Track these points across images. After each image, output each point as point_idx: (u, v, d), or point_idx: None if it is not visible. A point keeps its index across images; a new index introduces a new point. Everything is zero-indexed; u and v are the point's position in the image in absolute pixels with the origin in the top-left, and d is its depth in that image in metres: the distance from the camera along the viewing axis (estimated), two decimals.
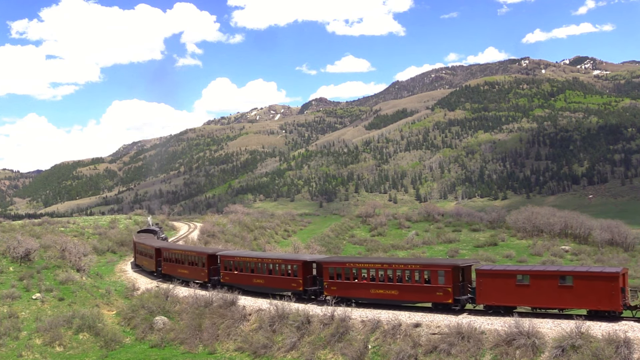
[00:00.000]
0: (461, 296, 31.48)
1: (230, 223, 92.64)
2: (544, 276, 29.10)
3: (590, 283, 27.70)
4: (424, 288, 32.29)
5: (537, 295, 29.04)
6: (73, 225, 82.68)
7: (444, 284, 31.53)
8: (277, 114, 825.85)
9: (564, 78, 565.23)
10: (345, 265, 36.11)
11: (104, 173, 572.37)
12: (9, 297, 37.24)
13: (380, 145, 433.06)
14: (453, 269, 31.60)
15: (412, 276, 32.81)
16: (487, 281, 30.61)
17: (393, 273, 33.68)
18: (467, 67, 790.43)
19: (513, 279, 29.88)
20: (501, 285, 30.09)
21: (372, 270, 34.88)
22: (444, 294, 31.51)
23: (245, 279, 41.53)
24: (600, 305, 27.42)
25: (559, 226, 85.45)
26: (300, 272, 37.79)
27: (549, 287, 28.72)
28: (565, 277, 28.63)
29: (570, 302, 28.36)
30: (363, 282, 34.88)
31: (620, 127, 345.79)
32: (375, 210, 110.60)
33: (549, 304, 28.98)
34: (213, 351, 32.83)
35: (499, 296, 30.20)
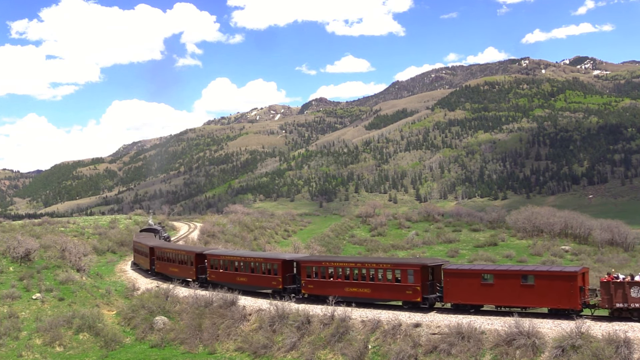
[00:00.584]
0: (430, 295, 32.21)
1: (230, 223, 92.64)
2: (507, 276, 30.02)
3: (551, 282, 28.53)
4: (394, 287, 33.22)
5: (501, 294, 29.90)
6: (73, 225, 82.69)
7: (413, 282, 32.30)
8: (277, 114, 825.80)
9: (564, 78, 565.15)
10: (322, 264, 37.13)
11: (104, 173, 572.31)
12: (9, 297, 37.24)
13: (380, 145, 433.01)
14: (422, 269, 32.36)
15: (384, 275, 33.78)
16: (453, 280, 31.44)
17: (366, 272, 34.60)
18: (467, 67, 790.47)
19: (478, 278, 30.79)
20: (467, 285, 30.98)
21: (346, 269, 35.81)
22: (413, 293, 32.29)
23: (229, 277, 42.36)
24: (560, 304, 28.20)
25: (559, 226, 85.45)
26: (280, 271, 38.63)
27: (512, 286, 29.54)
28: (527, 276, 29.40)
29: (532, 300, 29.11)
30: (338, 281, 35.81)
31: (620, 127, 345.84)
32: (375, 210, 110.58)
33: (512, 302, 29.69)
34: (213, 351, 32.83)
35: (465, 295, 31.07)
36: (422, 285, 32.11)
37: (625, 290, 26.70)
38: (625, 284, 26.81)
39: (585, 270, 29.64)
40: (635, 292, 26.51)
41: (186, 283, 46.13)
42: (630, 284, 26.73)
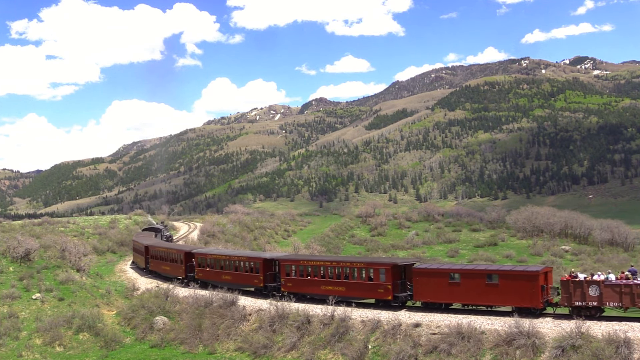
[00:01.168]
0: (401, 293, 33.02)
1: (230, 223, 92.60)
2: (473, 275, 30.88)
3: (514, 282, 29.36)
4: (367, 285, 34.16)
5: (467, 292, 30.77)
6: (73, 225, 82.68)
7: (385, 281, 33.20)
8: (277, 114, 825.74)
9: (564, 78, 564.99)
10: (300, 263, 38.15)
11: (104, 173, 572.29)
12: (9, 297, 37.23)
13: (380, 145, 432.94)
14: (393, 268, 33.16)
15: (358, 274, 34.75)
16: (422, 280, 32.25)
17: (341, 271, 35.62)
18: (467, 67, 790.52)
19: (446, 277, 31.61)
20: (435, 283, 31.81)
21: (322, 267, 36.81)
22: (384, 291, 33.20)
23: (215, 275, 43.44)
24: (522, 302, 28.95)
25: (559, 226, 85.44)
26: (262, 269, 39.66)
27: (478, 285, 30.40)
28: (492, 275, 30.25)
29: (496, 299, 30.00)
30: (315, 279, 36.68)
31: (620, 127, 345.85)
32: (375, 210, 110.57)
33: (477, 301, 30.61)
34: (213, 351, 32.82)
35: (433, 293, 31.92)
36: (394, 284, 32.98)
37: (584, 289, 27.65)
38: (584, 283, 27.74)
39: (548, 270, 30.46)
40: (593, 290, 27.41)
41: (181, 282, 46.63)
42: (588, 282, 27.64)
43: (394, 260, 36.03)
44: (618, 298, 26.77)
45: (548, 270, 30.47)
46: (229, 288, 40.78)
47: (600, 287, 27.35)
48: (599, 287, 27.38)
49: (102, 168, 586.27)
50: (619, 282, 27.00)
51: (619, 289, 26.83)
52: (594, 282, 27.59)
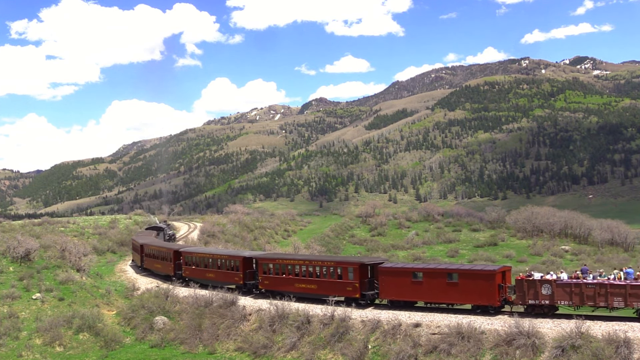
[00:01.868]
0: (368, 291, 34.03)
1: (230, 223, 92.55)
2: (435, 274, 31.80)
3: (472, 280, 30.38)
4: (337, 283, 35.25)
5: (430, 291, 31.71)
6: (73, 225, 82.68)
7: (353, 280, 34.29)
8: (277, 114, 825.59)
9: (564, 78, 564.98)
10: (275, 261, 39.29)
11: (104, 173, 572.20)
12: (9, 297, 37.21)
13: (380, 145, 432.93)
14: (360, 267, 34.22)
15: (328, 272, 35.97)
16: (388, 278, 33.22)
17: (313, 269, 36.68)
18: (467, 67, 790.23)
19: (409, 276, 32.56)
20: (400, 282, 32.77)
21: (296, 266, 37.85)
22: (352, 289, 34.30)
23: (200, 273, 44.73)
24: (480, 301, 30.05)
25: (559, 226, 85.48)
26: (241, 267, 40.77)
27: (439, 283, 31.33)
28: (452, 274, 31.18)
29: (456, 297, 30.94)
30: (289, 277, 37.83)
31: (620, 127, 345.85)
32: (375, 210, 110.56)
33: (439, 299, 31.54)
34: (213, 351, 32.82)
35: (398, 292, 32.88)
36: (361, 283, 34.03)
37: (537, 288, 28.56)
38: (537, 282, 28.61)
39: (505, 269, 31.31)
40: (546, 290, 28.34)
41: (170, 279, 48.08)
42: (541, 282, 28.53)
43: (361, 260, 36.85)
44: (569, 297, 27.71)
45: (506, 270, 31.30)
46: (213, 285, 41.84)
47: (552, 287, 28.20)
48: (551, 287, 28.23)
49: (102, 168, 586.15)
50: (570, 282, 27.81)
51: (570, 288, 27.68)
52: (547, 281, 28.44)
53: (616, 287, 26.52)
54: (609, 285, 26.73)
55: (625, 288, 26.24)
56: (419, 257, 72.23)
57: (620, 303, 26.41)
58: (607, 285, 26.73)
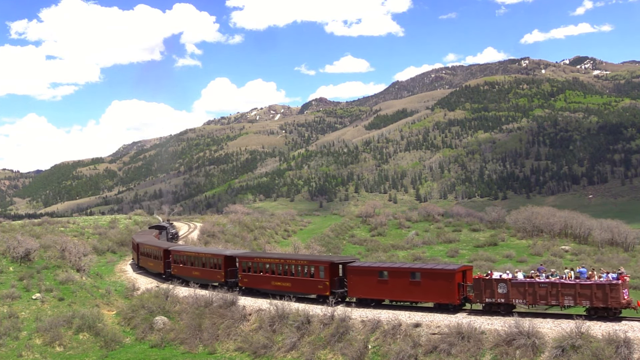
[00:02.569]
0: (338, 289, 35.22)
1: (230, 223, 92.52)
2: (399, 273, 32.88)
3: (433, 279, 31.41)
4: (309, 281, 36.42)
5: (395, 289, 32.73)
6: (73, 225, 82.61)
7: (323, 278, 35.57)
8: (277, 114, 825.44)
9: (564, 78, 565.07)
10: (254, 260, 40.53)
11: (104, 173, 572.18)
12: (9, 297, 37.19)
13: (380, 145, 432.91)
14: (330, 265, 35.51)
15: (302, 271, 37.09)
16: (356, 277, 34.34)
17: (288, 268, 37.93)
18: (467, 67, 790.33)
19: (376, 275, 33.61)
20: (367, 281, 33.85)
21: (272, 264, 38.96)
22: (323, 287, 35.58)
23: (187, 271, 46.10)
24: (441, 299, 31.14)
25: (559, 226, 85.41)
26: (223, 266, 42.06)
27: (403, 282, 32.42)
28: (415, 273, 32.24)
29: (419, 295, 32.01)
30: (266, 275, 39.04)
31: (620, 127, 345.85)
32: (375, 210, 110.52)
33: (404, 297, 32.60)
34: (213, 351, 32.80)
35: (365, 290, 33.95)
36: (331, 281, 35.26)
37: (493, 287, 29.54)
38: (493, 281, 29.58)
39: (466, 268, 32.45)
40: (502, 288, 29.30)
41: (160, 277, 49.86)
42: (497, 281, 29.48)
43: (331, 259, 37.98)
44: (523, 296, 28.65)
45: (467, 269, 32.35)
46: (198, 283, 43.59)
47: (507, 286, 29.08)
48: (507, 286, 29.11)
49: (102, 168, 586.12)
50: (524, 281, 28.74)
51: (524, 287, 28.59)
52: (502, 280, 29.35)
53: (567, 287, 27.47)
54: (559, 284, 27.68)
55: (575, 287, 27.21)
56: (419, 257, 72.17)
57: (570, 301, 27.41)
58: (558, 285, 27.70)
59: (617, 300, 26.21)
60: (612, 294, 26.31)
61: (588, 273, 28.17)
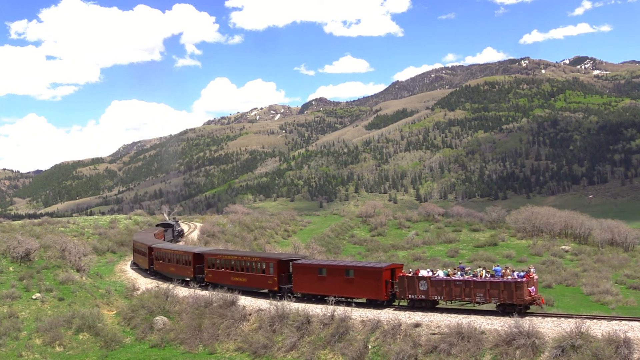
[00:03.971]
0: (285, 285, 37.31)
1: (230, 223, 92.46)
2: (336, 270, 34.89)
3: (364, 276, 33.44)
4: (261, 277, 38.64)
5: (332, 285, 34.66)
6: (73, 225, 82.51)
7: (273, 274, 37.70)
8: (277, 114, 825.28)
9: (564, 78, 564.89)
10: (217, 257, 42.73)
11: (104, 173, 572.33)
12: (9, 297, 37.17)
13: (380, 145, 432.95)
14: (278, 262, 37.66)
15: (255, 267, 39.18)
16: (299, 273, 36.32)
17: (244, 264, 40.04)
18: (467, 67, 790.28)
19: (316, 272, 35.54)
20: (309, 277, 35.85)
21: (232, 261, 41.13)
22: (272, 283, 37.78)
23: (166, 267, 48.68)
24: (371, 295, 33.18)
25: (559, 226, 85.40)
26: (192, 262, 44.41)
27: (339, 279, 34.45)
28: (349, 271, 34.23)
29: (353, 292, 33.96)
30: (227, 271, 41.31)
31: (620, 127, 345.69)
32: (375, 210, 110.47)
33: (340, 293, 34.30)
34: (213, 351, 32.80)
35: (308, 286, 35.97)
36: (279, 277, 37.43)
37: (415, 284, 31.49)
38: (415, 279, 31.58)
39: (394, 266, 34.32)
40: (423, 286, 31.25)
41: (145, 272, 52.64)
42: (419, 278, 31.49)
43: (279, 256, 40.12)
44: (440, 293, 30.67)
45: (395, 267, 34.18)
46: (172, 278, 45.83)
47: (428, 283, 31.03)
48: (427, 283, 31.03)
49: (102, 168, 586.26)
50: (442, 279, 30.65)
51: (442, 285, 30.55)
52: (423, 278, 31.37)
53: (478, 285, 29.37)
54: (472, 282, 29.53)
55: (485, 285, 29.16)
56: (419, 257, 72.20)
57: (481, 298, 29.35)
58: (471, 283, 29.56)
59: (521, 297, 28.16)
60: (517, 292, 28.22)
61: (502, 272, 29.86)
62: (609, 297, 48.98)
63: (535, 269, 31.70)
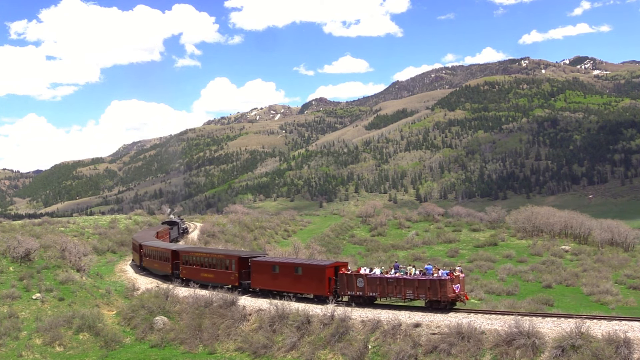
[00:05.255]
0: (245, 281, 39.46)
1: (230, 223, 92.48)
2: (287, 267, 36.82)
3: (310, 274, 35.31)
4: (225, 273, 40.88)
5: (284, 281, 36.53)
6: (73, 225, 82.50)
7: (234, 270, 39.98)
8: (277, 114, 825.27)
9: (564, 78, 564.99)
10: (189, 254, 45.04)
11: (104, 173, 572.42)
12: (9, 297, 37.16)
13: (380, 145, 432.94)
14: (239, 259, 39.84)
15: (221, 264, 41.38)
16: (256, 270, 38.36)
17: (212, 261, 42.17)
18: (467, 67, 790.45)
19: (270, 269, 37.57)
20: (264, 274, 37.87)
21: (202, 258, 43.42)
22: (234, 278, 40.04)
23: (151, 263, 51.12)
24: (316, 291, 35.10)
25: (559, 226, 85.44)
26: (171, 259, 46.64)
27: (290, 276, 36.35)
28: (297, 268, 36.24)
29: (301, 288, 35.82)
30: (198, 268, 43.54)
31: (620, 127, 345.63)
32: (375, 210, 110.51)
33: (290, 289, 36.09)
34: (213, 351, 32.79)
35: (263, 281, 37.97)
36: (240, 273, 39.63)
37: (353, 281, 33.52)
38: (353, 276, 33.56)
39: (338, 264, 35.81)
40: (360, 282, 33.21)
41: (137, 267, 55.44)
42: (356, 276, 33.46)
43: (239, 253, 42.18)
44: (375, 289, 32.68)
45: (339, 265, 35.66)
46: (156, 274, 48.78)
47: (364, 280, 32.97)
48: (364, 280, 32.98)
49: (102, 168, 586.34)
50: (377, 277, 32.70)
51: (376, 282, 32.54)
52: (360, 275, 33.30)
53: (408, 282, 31.39)
54: (403, 280, 31.59)
55: (414, 283, 31.14)
56: (419, 257, 72.21)
57: (411, 295, 31.37)
58: (402, 281, 31.61)
59: (445, 294, 30.26)
60: (442, 289, 30.29)
61: (433, 270, 31.81)
62: (609, 297, 49.01)
63: (461, 268, 33.77)
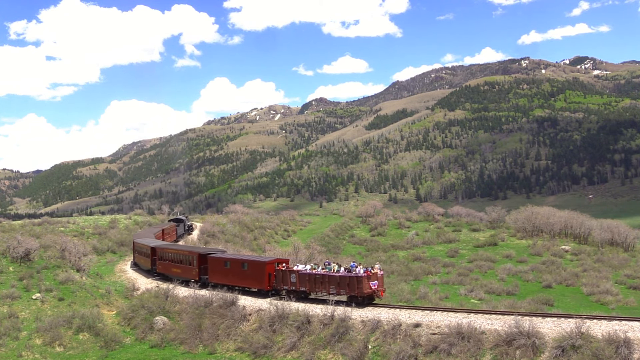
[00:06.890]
0: (204, 276, 41.88)
1: (230, 223, 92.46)
2: (236, 263, 39.38)
3: (254, 269, 37.84)
4: (188, 268, 43.58)
5: (234, 276, 39.01)
6: (73, 225, 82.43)
7: (195, 266, 42.62)
8: (277, 114, 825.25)
9: (564, 78, 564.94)
10: (164, 250, 47.89)
11: (104, 173, 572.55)
12: (9, 297, 37.15)
13: (380, 145, 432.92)
14: (199, 256, 42.52)
15: (186, 260, 44.13)
16: (213, 266, 40.91)
17: (180, 257, 45.04)
18: (467, 67, 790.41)
19: (223, 265, 40.08)
20: (219, 269, 40.33)
21: (173, 254, 46.30)
22: (195, 274, 42.68)
23: (139, 259, 53.80)
24: (259, 285, 37.65)
25: (559, 226, 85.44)
26: (150, 255, 49.24)
27: (238, 271, 38.86)
28: (244, 264, 38.78)
29: (248, 282, 38.38)
30: (169, 263, 46.43)
31: (620, 127, 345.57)
32: (375, 210, 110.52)
33: (239, 283, 38.77)
34: (213, 351, 32.79)
35: (219, 276, 40.20)
36: (199, 269, 42.29)
37: (287, 277, 35.88)
38: (287, 272, 35.85)
39: (279, 260, 38.00)
40: (293, 278, 35.56)
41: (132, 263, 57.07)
42: (290, 271, 35.74)
43: (199, 250, 44.96)
44: (305, 285, 35.02)
45: (280, 261, 37.83)
46: (141, 269, 51.75)
47: (296, 276, 35.26)
48: (296, 276, 35.25)
49: (102, 168, 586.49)
50: (307, 272, 35.00)
51: (306, 278, 34.96)
52: (293, 271, 35.60)
53: (332, 279, 33.84)
54: (327, 277, 33.98)
55: (336, 279, 33.60)
56: (419, 257, 72.23)
57: (334, 290, 33.62)
58: (326, 277, 33.99)
59: (361, 290, 32.74)
60: (359, 285, 32.78)
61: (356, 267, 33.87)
62: (609, 297, 49.01)
63: (380, 266, 35.76)
